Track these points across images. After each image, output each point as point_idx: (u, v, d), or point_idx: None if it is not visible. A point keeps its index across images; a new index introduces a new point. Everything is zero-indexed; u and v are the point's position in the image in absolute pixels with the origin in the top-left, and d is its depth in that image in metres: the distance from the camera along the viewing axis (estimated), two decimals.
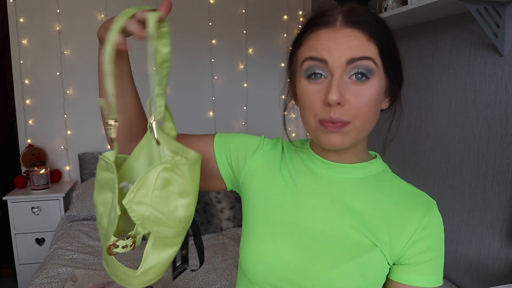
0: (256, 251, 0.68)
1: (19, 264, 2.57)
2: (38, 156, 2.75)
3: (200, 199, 2.46)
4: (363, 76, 0.59)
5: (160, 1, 2.86)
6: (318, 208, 0.67)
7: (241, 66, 3.06)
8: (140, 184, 0.54)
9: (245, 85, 3.09)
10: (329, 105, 0.59)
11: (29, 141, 2.80)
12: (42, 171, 2.61)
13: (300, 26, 0.66)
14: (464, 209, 1.71)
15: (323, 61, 0.59)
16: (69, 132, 2.85)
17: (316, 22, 0.62)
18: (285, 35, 3.12)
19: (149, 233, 0.57)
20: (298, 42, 0.65)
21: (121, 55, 0.65)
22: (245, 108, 3.11)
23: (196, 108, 3.04)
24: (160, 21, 0.55)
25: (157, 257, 0.58)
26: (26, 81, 2.75)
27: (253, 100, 3.10)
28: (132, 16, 0.57)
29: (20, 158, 2.75)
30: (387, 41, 0.61)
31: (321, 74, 0.60)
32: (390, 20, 1.84)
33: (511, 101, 1.47)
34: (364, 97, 0.59)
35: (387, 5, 1.86)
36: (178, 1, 2.90)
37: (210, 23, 2.97)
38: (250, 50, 3.06)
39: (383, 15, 1.80)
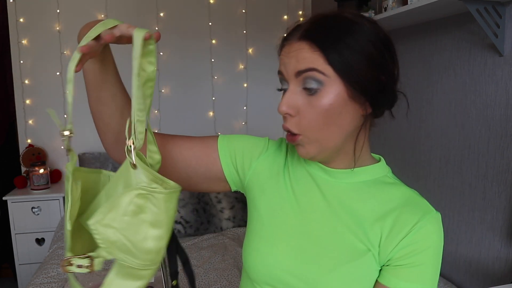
0: (256, 251, 0.69)
1: (19, 264, 2.57)
2: (38, 156, 2.75)
3: (200, 199, 2.46)
4: (312, 88, 0.60)
5: (160, 1, 2.87)
6: (318, 212, 0.68)
7: (241, 66, 3.06)
8: (111, 206, 0.51)
9: (245, 85, 3.08)
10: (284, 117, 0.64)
11: (29, 141, 2.80)
12: (42, 171, 2.61)
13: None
14: (464, 209, 1.71)
15: (282, 74, 0.64)
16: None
17: (285, 36, 0.66)
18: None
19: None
20: (278, 53, 0.68)
21: (105, 58, 0.64)
22: (245, 108, 3.11)
23: (196, 108, 3.04)
24: (147, 39, 0.53)
25: (119, 286, 0.55)
26: (26, 81, 2.75)
27: (253, 100, 3.10)
28: (113, 28, 0.57)
29: (20, 158, 2.75)
30: (339, 49, 0.59)
31: (285, 88, 0.64)
32: (390, 20, 1.84)
33: (511, 101, 1.47)
34: (315, 108, 0.61)
35: (387, 5, 1.86)
36: (178, 1, 2.91)
37: (210, 23, 2.97)
38: (250, 50, 3.06)
39: (383, 15, 1.80)
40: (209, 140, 0.75)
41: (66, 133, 0.56)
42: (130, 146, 0.53)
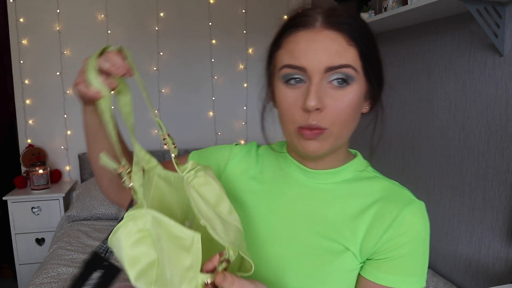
0: None
1: (19, 264, 2.57)
2: (38, 156, 2.75)
3: None
4: (344, 81, 0.57)
5: (160, 1, 2.87)
6: (291, 217, 0.66)
7: (241, 66, 3.06)
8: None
9: (245, 85, 3.09)
10: (308, 111, 0.57)
11: (29, 141, 2.80)
12: (42, 171, 2.61)
13: (280, 26, 0.63)
14: (464, 209, 1.71)
15: (301, 69, 0.57)
16: (69, 132, 2.85)
17: (295, 23, 0.59)
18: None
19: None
20: (277, 43, 0.62)
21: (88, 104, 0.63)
22: (245, 108, 3.11)
23: (196, 108, 3.04)
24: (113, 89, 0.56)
25: None
26: (26, 81, 2.75)
27: (253, 100, 3.10)
28: (101, 54, 0.56)
29: (20, 158, 2.75)
30: (367, 44, 0.59)
31: (300, 79, 0.58)
32: (390, 20, 1.85)
33: (511, 101, 1.47)
34: (343, 102, 0.57)
35: (387, 5, 1.86)
36: (178, 1, 2.91)
37: (210, 23, 2.97)
38: (250, 50, 3.06)
39: (383, 15, 1.80)
40: (181, 161, 0.75)
41: (125, 170, 0.54)
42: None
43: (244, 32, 3.04)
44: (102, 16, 2.81)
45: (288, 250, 0.65)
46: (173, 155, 0.57)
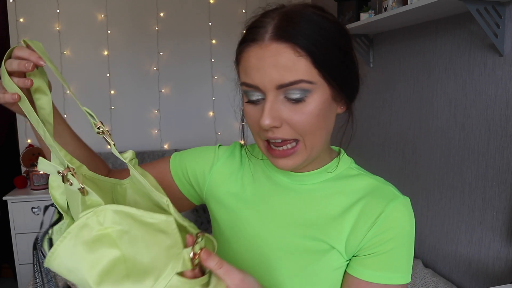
0: None
1: (19, 264, 2.57)
2: (38, 156, 2.74)
3: None
4: (297, 99, 0.55)
5: (160, 1, 2.87)
6: (277, 219, 0.66)
7: None
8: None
9: None
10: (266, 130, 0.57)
11: (29, 141, 2.80)
12: (42, 171, 2.61)
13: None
14: (464, 209, 1.71)
15: (255, 87, 0.56)
16: None
17: (247, 37, 0.58)
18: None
19: None
20: (236, 57, 0.61)
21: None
22: None
23: (196, 108, 3.04)
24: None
25: None
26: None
27: None
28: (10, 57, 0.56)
29: (20, 158, 2.75)
30: (325, 47, 0.55)
31: (258, 99, 0.57)
32: (390, 20, 1.84)
33: (511, 101, 1.47)
34: (303, 114, 0.55)
35: (387, 5, 1.86)
36: (178, 1, 2.91)
37: (210, 23, 2.97)
38: None
39: (383, 15, 1.80)
40: (161, 164, 0.74)
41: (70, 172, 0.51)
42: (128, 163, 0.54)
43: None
44: (102, 16, 2.81)
45: (274, 252, 0.65)
46: (112, 143, 0.53)
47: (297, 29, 0.54)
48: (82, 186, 0.49)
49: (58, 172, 0.50)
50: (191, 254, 0.46)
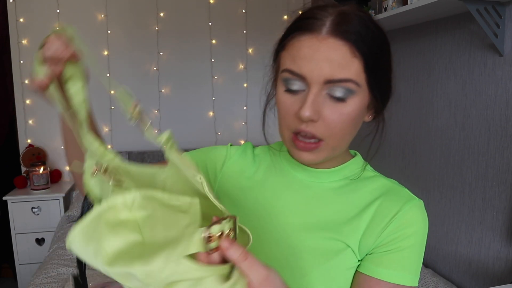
0: None
1: (19, 264, 2.57)
2: (38, 156, 2.75)
3: None
4: (341, 98, 0.56)
5: (160, 1, 2.87)
6: (291, 216, 0.66)
7: (241, 66, 3.06)
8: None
9: (245, 85, 3.08)
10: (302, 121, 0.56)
11: (29, 141, 2.80)
12: (42, 171, 2.61)
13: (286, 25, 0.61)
14: (464, 209, 1.71)
15: (301, 77, 0.56)
16: None
17: (301, 25, 0.57)
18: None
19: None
20: (282, 43, 0.60)
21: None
22: (245, 108, 3.11)
23: (196, 108, 3.04)
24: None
25: None
26: (26, 81, 2.75)
27: (253, 100, 3.10)
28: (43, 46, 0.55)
29: (20, 158, 2.75)
30: (376, 53, 0.56)
31: (298, 89, 0.57)
32: (390, 20, 1.84)
33: (511, 101, 1.47)
34: (341, 115, 0.56)
35: (387, 5, 1.86)
36: (178, 1, 2.91)
37: (210, 23, 2.97)
38: (250, 50, 3.06)
39: (383, 15, 1.80)
40: None
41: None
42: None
43: (244, 32, 3.03)
44: (102, 16, 2.80)
45: (286, 249, 0.65)
46: (149, 123, 0.51)
47: (355, 30, 0.54)
48: (113, 183, 0.48)
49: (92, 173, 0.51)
50: (206, 234, 0.40)
